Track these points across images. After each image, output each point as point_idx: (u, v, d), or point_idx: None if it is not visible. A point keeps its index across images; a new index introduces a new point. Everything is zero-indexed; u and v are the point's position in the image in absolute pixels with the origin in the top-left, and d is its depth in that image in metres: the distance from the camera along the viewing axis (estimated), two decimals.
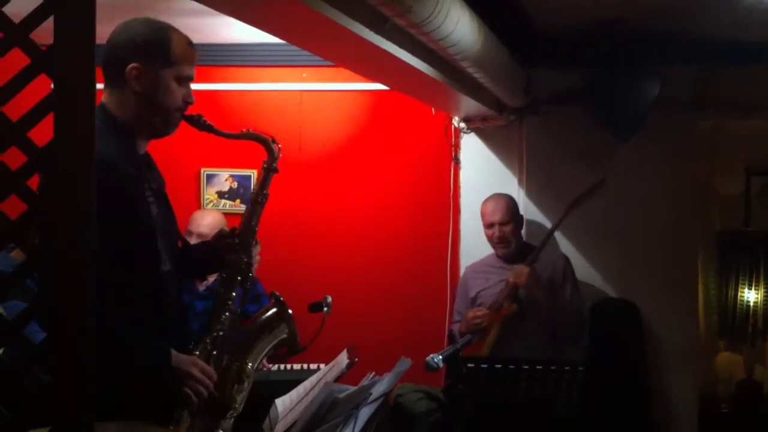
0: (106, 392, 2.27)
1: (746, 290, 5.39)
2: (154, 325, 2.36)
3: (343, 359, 3.30)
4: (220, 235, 2.63)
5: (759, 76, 4.87)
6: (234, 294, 2.53)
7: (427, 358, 3.24)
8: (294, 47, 3.86)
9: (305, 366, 4.32)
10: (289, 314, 2.63)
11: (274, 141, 2.66)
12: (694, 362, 4.99)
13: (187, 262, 2.64)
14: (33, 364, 1.22)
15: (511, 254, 4.62)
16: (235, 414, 2.50)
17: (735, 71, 4.89)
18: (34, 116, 1.18)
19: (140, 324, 2.32)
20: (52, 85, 1.20)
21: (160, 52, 2.36)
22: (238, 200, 5.32)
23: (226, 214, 4.86)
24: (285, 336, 2.63)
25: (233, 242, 2.57)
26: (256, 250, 2.63)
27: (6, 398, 1.22)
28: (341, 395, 2.07)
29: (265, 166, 2.67)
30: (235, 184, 5.31)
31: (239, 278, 2.54)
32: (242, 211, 5.35)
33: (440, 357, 3.25)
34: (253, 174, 5.30)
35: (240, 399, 2.52)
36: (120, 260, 2.25)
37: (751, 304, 5.38)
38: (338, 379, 3.05)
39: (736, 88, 4.93)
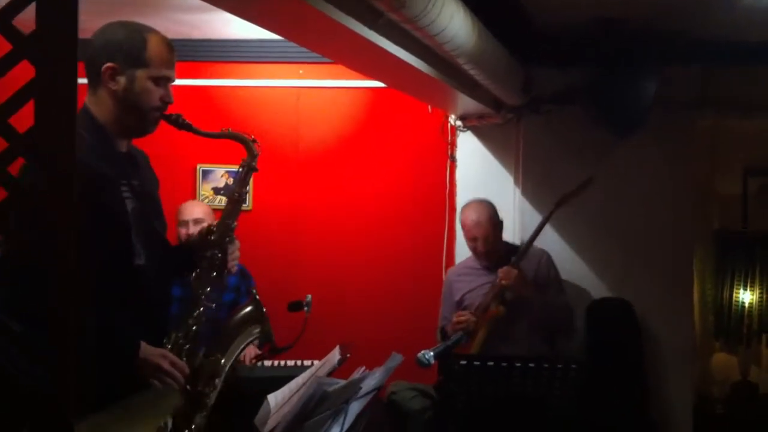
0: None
1: (742, 291, 5.39)
2: (126, 318, 2.38)
3: (335, 355, 3.30)
4: (201, 232, 2.66)
5: (759, 76, 4.86)
6: (208, 289, 2.54)
7: (419, 355, 3.25)
8: (291, 44, 3.87)
9: (298, 362, 4.32)
10: (264, 314, 2.64)
11: (254, 140, 2.69)
12: (689, 362, 4.98)
13: (176, 258, 2.66)
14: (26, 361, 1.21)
15: (494, 261, 4.59)
16: (206, 411, 2.50)
17: (735, 71, 4.88)
18: (15, 102, 1.18)
19: (111, 316, 2.33)
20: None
21: (134, 52, 2.41)
22: None
23: (221, 211, 4.85)
24: (258, 335, 2.64)
25: (209, 238, 2.59)
26: (234, 247, 2.65)
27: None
28: (331, 389, 2.07)
29: (244, 164, 2.69)
30: (230, 180, 5.30)
31: (213, 274, 2.56)
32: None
33: (431, 354, 3.25)
34: None
35: (212, 395, 2.53)
36: (89, 253, 2.28)
37: (747, 305, 5.37)
38: (330, 375, 3.05)
39: (736, 88, 4.92)
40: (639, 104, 4.56)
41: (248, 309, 2.64)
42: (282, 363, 4.34)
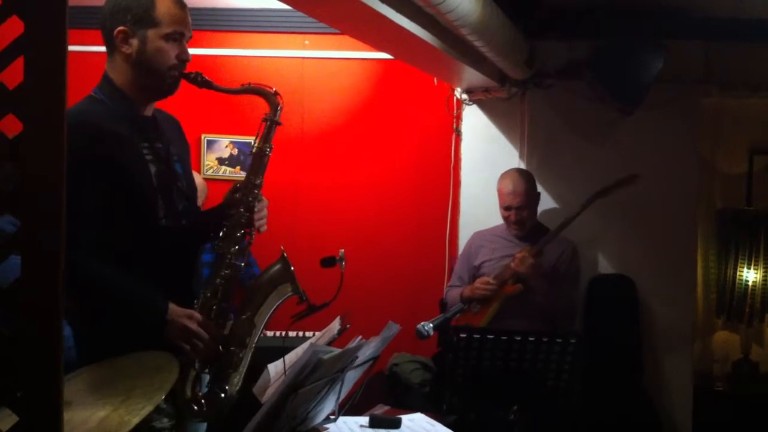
0: (104, 345, 2.31)
1: (745, 269, 5.36)
2: (154, 278, 2.39)
3: (335, 325, 3.31)
4: (230, 191, 2.62)
5: (765, 54, 4.81)
6: (236, 248, 2.52)
7: (418, 326, 3.25)
8: (296, 13, 3.84)
9: (300, 333, 4.33)
10: (292, 272, 2.60)
11: (276, 93, 2.63)
12: (690, 339, 4.98)
13: (203, 220, 2.66)
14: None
15: (524, 234, 4.58)
16: (238, 370, 2.49)
17: (741, 48, 4.84)
18: (4, 59, 1.17)
19: (138, 276, 2.36)
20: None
21: (143, 13, 2.41)
22: (238, 167, 5.31)
23: (226, 181, 4.85)
24: (290, 294, 2.61)
25: (234, 196, 2.56)
26: (261, 205, 2.60)
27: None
28: (326, 357, 2.06)
29: (266, 118, 2.63)
30: (235, 151, 5.30)
31: (239, 233, 2.53)
32: (243, 179, 5.37)
33: (431, 325, 3.25)
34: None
35: (244, 354, 2.52)
36: (110, 212, 2.34)
37: (750, 283, 5.35)
38: (330, 344, 3.05)
39: (742, 65, 4.88)
40: (643, 79, 4.52)
41: (276, 267, 2.60)
42: (283, 333, 4.35)
